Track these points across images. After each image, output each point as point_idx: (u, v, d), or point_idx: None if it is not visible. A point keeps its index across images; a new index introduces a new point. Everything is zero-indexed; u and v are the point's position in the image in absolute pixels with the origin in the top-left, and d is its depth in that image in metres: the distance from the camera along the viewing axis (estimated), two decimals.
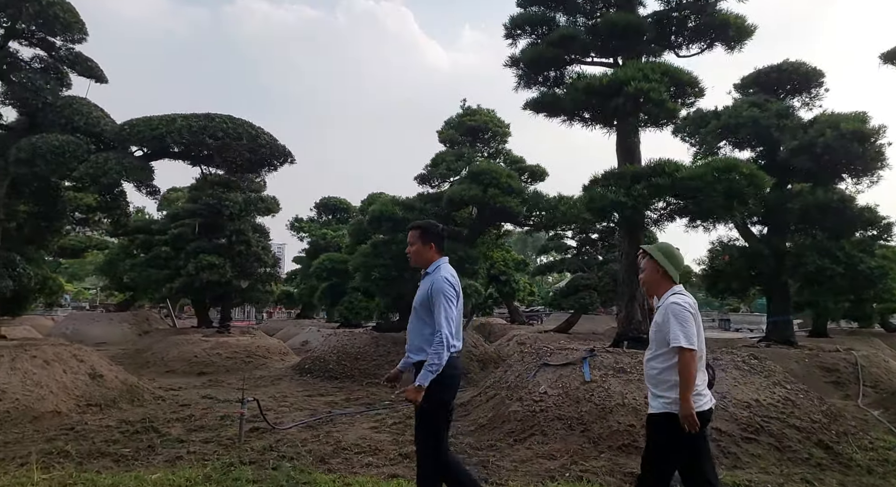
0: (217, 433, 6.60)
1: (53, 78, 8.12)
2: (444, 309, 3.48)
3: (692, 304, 3.31)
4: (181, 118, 7.71)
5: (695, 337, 3.18)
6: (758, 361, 6.82)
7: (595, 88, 6.61)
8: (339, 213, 31.83)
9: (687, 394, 3.11)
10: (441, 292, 3.50)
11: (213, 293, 14.76)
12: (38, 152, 6.93)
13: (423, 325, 3.59)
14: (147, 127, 7.64)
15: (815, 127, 11.41)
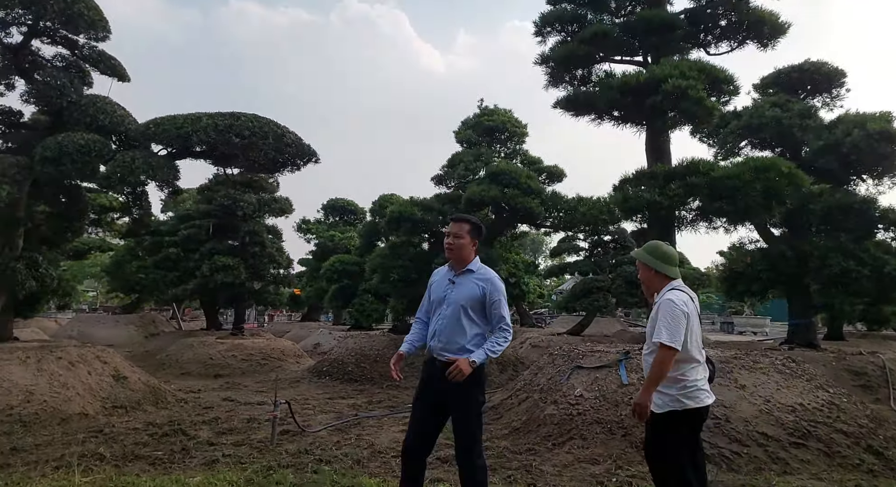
0: (247, 435, 6.54)
1: (77, 76, 8.09)
2: (504, 305, 3.49)
3: (688, 301, 3.35)
4: (206, 117, 7.65)
5: (680, 335, 3.21)
6: (796, 364, 6.74)
7: (632, 86, 6.55)
8: (347, 215, 31.81)
9: (649, 386, 3.24)
10: (501, 291, 3.50)
11: (226, 294, 14.70)
12: (64, 151, 6.89)
13: (470, 325, 3.48)
14: (172, 125, 7.59)
15: (841, 127, 11.33)
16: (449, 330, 3.50)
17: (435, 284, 3.72)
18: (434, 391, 3.54)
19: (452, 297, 3.54)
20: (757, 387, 5.97)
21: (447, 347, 3.48)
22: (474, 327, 3.50)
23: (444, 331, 3.52)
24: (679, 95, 6.27)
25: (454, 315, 3.50)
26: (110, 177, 7.10)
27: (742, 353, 7.18)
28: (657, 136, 7.70)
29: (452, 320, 3.50)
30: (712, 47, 8.00)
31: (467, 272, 3.57)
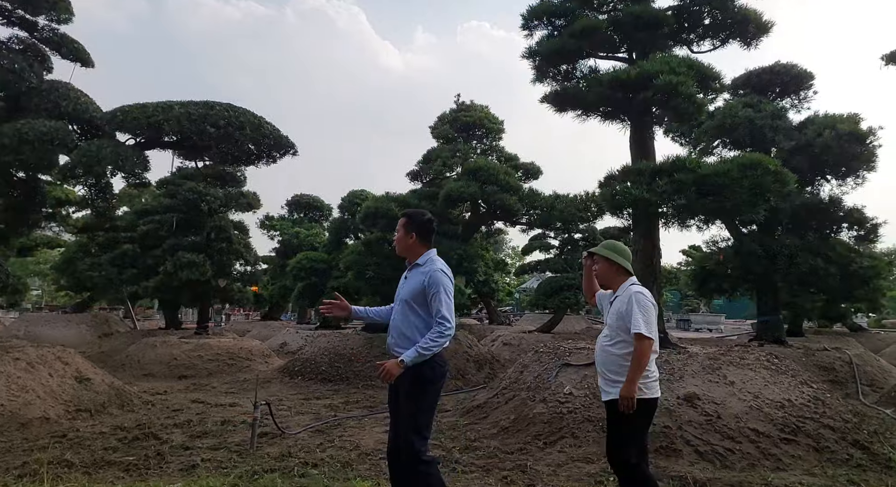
0: (223, 439, 6.29)
1: (36, 60, 7.64)
2: (444, 300, 3.39)
3: (651, 296, 3.57)
4: (178, 105, 7.28)
5: (654, 326, 3.40)
6: (779, 361, 6.85)
7: (622, 81, 6.53)
8: (313, 212, 31.30)
9: (635, 377, 3.32)
10: (440, 283, 3.41)
11: (190, 292, 14.23)
12: (24, 138, 6.46)
13: (415, 317, 3.45)
14: (142, 113, 7.20)
15: (812, 128, 11.64)
16: (399, 326, 3.51)
17: (400, 281, 3.73)
18: (392, 387, 3.55)
19: (401, 293, 3.57)
20: (745, 383, 6.03)
21: (398, 342, 3.48)
22: (419, 320, 3.45)
23: (395, 327, 3.53)
24: (670, 91, 6.30)
25: (402, 310, 3.51)
26: (75, 167, 6.71)
27: (726, 350, 7.26)
28: (642, 133, 7.72)
29: (401, 315, 3.51)
30: (695, 45, 8.07)
31: (415, 266, 3.58)
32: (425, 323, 3.45)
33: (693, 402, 5.72)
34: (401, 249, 3.65)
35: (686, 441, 5.36)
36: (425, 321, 3.46)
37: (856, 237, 13.88)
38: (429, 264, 3.55)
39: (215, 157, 8.57)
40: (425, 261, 3.57)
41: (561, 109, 8.15)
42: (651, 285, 7.73)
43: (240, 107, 7.56)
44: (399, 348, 3.46)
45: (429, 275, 3.46)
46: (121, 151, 6.93)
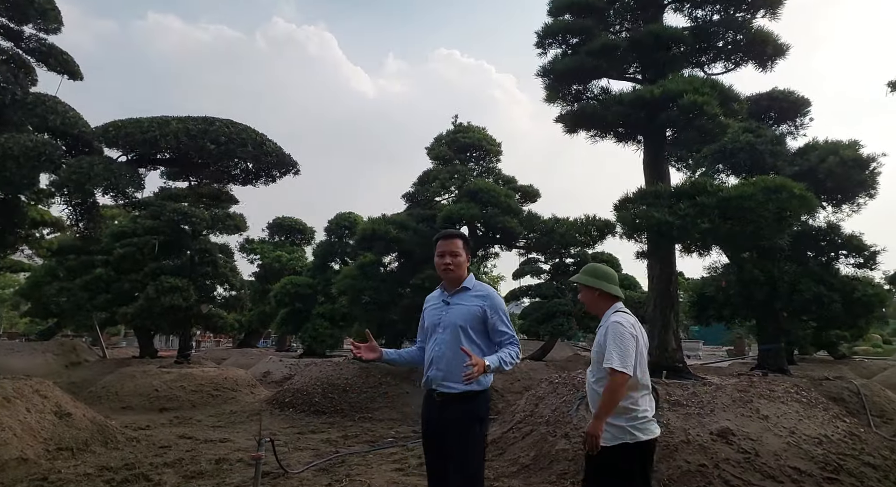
0: (221, 479, 5.88)
1: (21, 72, 7.29)
2: (507, 321, 3.28)
3: (635, 323, 3.27)
4: (176, 120, 6.95)
5: (631, 359, 3.10)
6: (807, 392, 6.67)
7: (646, 100, 6.42)
8: (295, 235, 30.86)
9: (602, 415, 3.10)
10: (500, 305, 3.28)
11: (171, 318, 13.69)
12: (8, 154, 6.07)
13: (470, 345, 3.14)
14: (137, 128, 6.85)
15: (814, 153, 11.71)
16: (449, 356, 3.18)
17: (428, 309, 3.47)
18: (435, 431, 3.22)
19: (448, 319, 3.25)
20: (780, 418, 5.82)
21: (448, 376, 3.15)
22: (475, 350, 3.15)
23: (442, 358, 3.20)
24: (695, 111, 6.20)
25: (453, 338, 3.20)
26: (63, 184, 6.32)
27: (751, 380, 7.06)
28: (657, 155, 7.61)
29: (451, 344, 3.19)
30: (708, 67, 8.04)
31: (462, 290, 3.33)
32: (481, 351, 3.17)
33: (727, 438, 5.48)
34: (458, 275, 3.34)
35: (725, 481, 5.10)
36: (481, 350, 3.19)
37: (854, 264, 13.94)
38: (481, 287, 3.36)
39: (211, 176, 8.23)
40: (474, 285, 3.36)
41: (572, 130, 8.02)
42: (669, 311, 7.55)
43: (240, 124, 7.27)
44: (452, 384, 3.13)
45: (490, 298, 3.28)
46: (114, 168, 6.58)
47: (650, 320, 7.66)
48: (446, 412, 3.13)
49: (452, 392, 3.12)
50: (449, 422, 3.10)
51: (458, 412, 3.09)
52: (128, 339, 38.93)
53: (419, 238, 11.18)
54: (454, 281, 3.34)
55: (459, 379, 3.03)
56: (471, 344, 3.16)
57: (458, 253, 3.32)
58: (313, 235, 30.98)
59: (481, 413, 3.12)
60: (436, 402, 3.20)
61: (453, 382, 3.11)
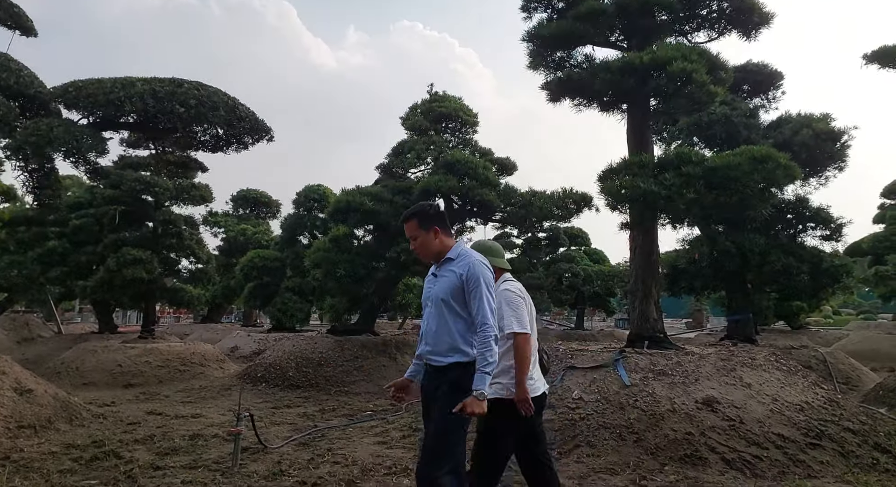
0: (197, 456, 5.69)
1: None
2: (485, 296, 3.03)
3: (521, 289, 3.56)
4: (141, 81, 6.51)
5: (526, 320, 3.38)
6: (785, 361, 6.79)
7: (635, 67, 6.30)
8: (260, 208, 30.25)
9: (522, 378, 3.26)
10: (480, 276, 3.05)
11: (133, 292, 13.26)
12: None
13: (454, 319, 3.10)
14: (99, 89, 6.40)
15: (787, 126, 11.83)
16: (434, 330, 3.17)
17: (426, 284, 3.41)
18: (427, 402, 3.23)
19: (433, 293, 3.22)
20: (762, 385, 5.90)
21: (435, 349, 3.15)
22: (460, 321, 3.11)
23: (429, 333, 3.20)
24: (685, 79, 6.12)
25: (438, 312, 3.17)
26: (20, 148, 5.88)
27: (730, 349, 7.15)
28: (642, 125, 7.54)
29: (437, 318, 3.17)
30: (692, 36, 7.96)
31: (447, 262, 3.22)
32: (467, 325, 3.10)
33: (713, 406, 5.53)
34: (431, 253, 3.25)
35: (711, 448, 5.15)
36: (467, 322, 3.10)
37: (820, 236, 14.28)
38: (464, 256, 3.18)
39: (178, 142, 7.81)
40: (458, 254, 3.20)
41: (556, 98, 7.89)
42: (651, 282, 7.57)
43: (210, 86, 6.85)
44: (438, 357, 3.12)
45: (467, 268, 3.09)
46: (75, 131, 6.15)
47: (632, 291, 7.68)
48: (435, 382, 3.14)
49: (440, 364, 3.12)
50: (436, 392, 3.11)
51: (443, 382, 3.08)
52: (83, 315, 37.88)
53: (394, 210, 10.97)
54: (436, 257, 3.27)
55: (444, 352, 3.09)
56: (455, 318, 3.10)
57: (415, 235, 3.23)
58: (279, 209, 30.45)
59: (464, 383, 3.00)
60: (430, 374, 3.21)
61: (439, 355, 3.12)
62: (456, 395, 2.99)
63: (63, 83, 6.72)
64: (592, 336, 21.59)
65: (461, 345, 3.07)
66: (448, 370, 3.09)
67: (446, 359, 3.09)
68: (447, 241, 3.25)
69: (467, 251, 3.25)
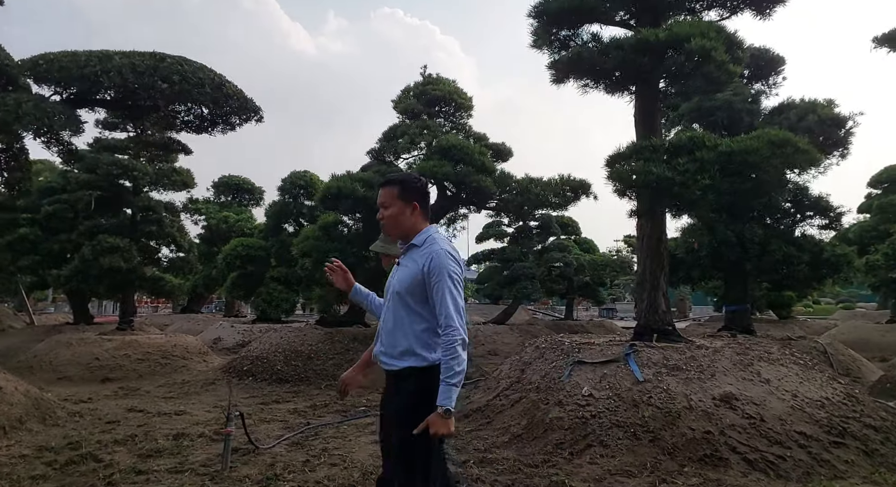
0: (183, 458, 5.37)
1: None
2: (450, 293, 2.59)
3: None
4: (119, 55, 6.04)
5: None
6: (800, 354, 6.60)
7: (649, 45, 6.01)
8: (242, 195, 29.68)
9: None
10: (444, 269, 2.61)
11: (110, 282, 12.79)
12: None
13: (411, 318, 2.69)
14: (73, 63, 5.93)
15: (794, 111, 11.65)
16: (390, 328, 2.74)
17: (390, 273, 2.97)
18: (383, 407, 2.91)
19: (393, 283, 2.79)
20: (781, 381, 5.70)
21: (389, 351, 2.72)
22: (419, 320, 2.68)
23: (385, 330, 2.77)
24: (703, 57, 5.84)
25: (394, 307, 2.74)
26: None
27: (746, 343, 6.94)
28: (651, 107, 7.27)
29: (392, 315, 2.74)
30: (701, 14, 7.68)
31: (411, 248, 2.77)
32: (427, 324, 2.67)
33: (731, 403, 5.31)
34: (399, 228, 2.79)
35: (731, 448, 4.93)
36: (427, 321, 2.67)
37: (818, 226, 14.18)
38: (429, 244, 2.71)
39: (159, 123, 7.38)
40: (423, 241, 2.73)
41: (561, 79, 7.58)
42: (659, 272, 7.33)
43: (195, 62, 6.39)
44: (390, 359, 2.71)
45: (430, 258, 2.64)
46: (47, 107, 5.72)
47: (639, 282, 7.45)
48: (391, 388, 2.79)
49: (392, 368, 2.71)
50: (392, 400, 2.75)
51: (399, 392, 2.70)
52: (56, 305, 37.14)
53: None
54: (403, 238, 2.82)
55: (398, 354, 2.69)
56: (412, 316, 2.68)
57: (387, 203, 2.78)
58: (262, 196, 29.93)
59: (423, 395, 2.58)
60: (386, 377, 2.83)
61: (391, 358, 2.71)
62: (416, 411, 2.55)
63: (32, 56, 6.27)
64: (582, 327, 21.43)
65: (417, 348, 2.65)
66: (402, 376, 2.68)
67: (399, 363, 2.68)
68: (420, 224, 2.80)
69: (434, 238, 2.76)
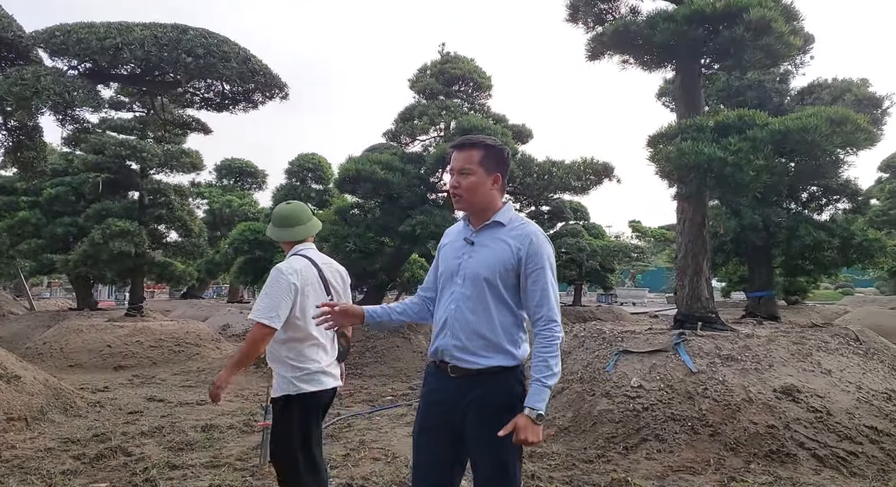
0: (217, 451, 5.17)
1: None
2: (551, 283, 2.29)
3: (305, 268, 3.10)
4: (140, 27, 5.72)
5: (280, 310, 2.92)
6: (858, 343, 6.38)
7: (705, 16, 5.72)
8: (245, 178, 29.41)
9: (235, 368, 2.99)
10: (545, 255, 2.29)
11: (119, 267, 12.57)
12: None
13: (499, 308, 2.31)
14: (92, 34, 5.59)
15: (827, 91, 11.37)
16: (467, 319, 2.31)
17: (446, 248, 2.52)
18: (445, 417, 2.36)
19: (470, 266, 2.35)
20: (843, 372, 5.48)
21: (466, 345, 2.30)
22: (506, 311, 2.32)
23: (459, 322, 2.32)
24: (763, 29, 5.56)
25: (473, 294, 2.32)
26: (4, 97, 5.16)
27: (802, 331, 6.71)
28: (694, 83, 6.99)
29: (471, 303, 2.32)
30: None
31: (493, 226, 2.37)
32: (513, 317, 2.33)
33: (793, 396, 5.09)
34: (476, 202, 2.36)
35: (799, 443, 4.72)
36: (513, 313, 2.33)
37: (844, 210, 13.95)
38: (521, 224, 2.36)
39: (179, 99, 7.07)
40: (510, 219, 2.37)
41: (597, 55, 7.29)
42: (702, 258, 7.09)
43: (219, 34, 6.01)
44: (469, 356, 2.30)
45: (528, 241, 2.28)
46: (67, 81, 5.42)
47: (680, 267, 7.21)
48: (467, 393, 2.30)
49: (473, 367, 2.29)
50: (471, 407, 2.29)
51: (484, 393, 2.28)
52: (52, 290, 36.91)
53: (407, 180, 10.37)
54: (476, 212, 2.40)
55: (480, 350, 2.29)
56: (499, 305, 2.31)
57: (469, 169, 2.33)
58: (265, 179, 29.66)
59: (515, 395, 2.28)
60: (450, 378, 2.35)
61: (470, 355, 2.30)
62: (502, 415, 2.23)
63: (47, 27, 5.94)
64: (592, 313, 21.22)
65: (505, 344, 2.30)
66: (485, 376, 2.29)
67: (483, 361, 2.28)
68: (498, 200, 2.41)
69: (523, 218, 2.43)
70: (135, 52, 5.49)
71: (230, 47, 5.98)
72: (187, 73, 5.89)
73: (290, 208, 3.27)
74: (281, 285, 2.94)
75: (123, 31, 5.59)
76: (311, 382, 3.03)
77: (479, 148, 2.36)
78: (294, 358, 3.03)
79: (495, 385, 2.30)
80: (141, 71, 5.94)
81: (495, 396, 2.29)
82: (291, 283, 2.96)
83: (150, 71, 5.98)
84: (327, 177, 17.42)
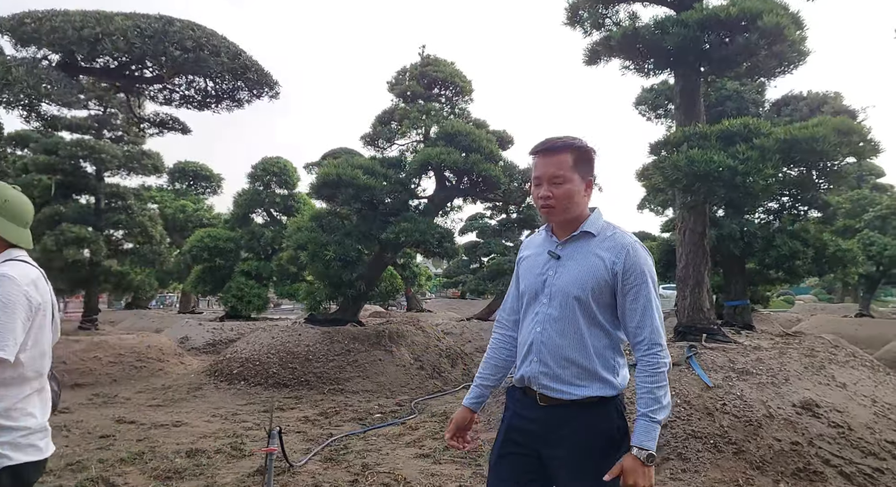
0: (209, 479, 4.83)
1: None
2: (654, 302, 2.08)
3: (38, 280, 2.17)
4: (121, 17, 5.33)
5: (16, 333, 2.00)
6: (862, 355, 6.45)
7: (718, 21, 5.71)
8: (199, 182, 28.57)
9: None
10: (646, 269, 2.08)
11: (73, 276, 11.89)
12: None
13: (592, 331, 2.10)
14: (68, 23, 5.17)
15: (804, 103, 11.66)
16: (555, 341, 2.11)
17: (526, 262, 2.29)
18: (531, 446, 2.16)
19: (557, 283, 2.13)
20: (857, 385, 5.51)
21: (557, 374, 2.09)
22: (600, 334, 2.11)
23: (546, 345, 2.12)
24: (776, 35, 5.59)
25: (564, 314, 2.10)
26: None
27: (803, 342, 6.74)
28: (694, 90, 7.01)
29: (561, 324, 2.11)
30: None
31: (582, 237, 2.15)
32: (609, 339, 2.13)
33: (813, 410, 5.08)
34: (570, 211, 2.12)
35: (825, 460, 4.69)
36: (609, 336, 2.13)
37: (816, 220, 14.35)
38: (614, 235, 2.13)
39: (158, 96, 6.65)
40: (601, 229, 2.14)
41: (595, 60, 7.25)
42: (703, 268, 7.09)
43: (206, 27, 5.66)
44: (561, 385, 2.08)
45: (624, 253, 2.07)
46: (41, 73, 4.97)
47: (681, 278, 7.19)
48: (559, 426, 2.10)
49: (565, 397, 2.08)
50: (565, 444, 2.08)
51: (579, 428, 2.07)
52: None
53: (389, 186, 10.15)
54: (564, 223, 2.17)
55: (573, 378, 2.07)
56: (593, 328, 2.10)
57: (562, 176, 2.08)
58: (220, 184, 28.89)
59: (615, 431, 2.10)
60: (538, 407, 2.14)
61: (562, 384, 2.08)
62: (606, 454, 2.04)
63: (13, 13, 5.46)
64: None
65: (601, 370, 2.09)
66: (580, 407, 2.09)
67: (576, 391, 2.07)
68: (585, 206, 2.18)
69: (616, 227, 2.18)
70: (116, 43, 5.08)
71: (219, 41, 5.64)
72: (174, 68, 5.52)
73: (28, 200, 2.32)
74: (16, 298, 2.01)
75: (103, 20, 5.18)
76: (29, 449, 2.09)
77: (571, 151, 2.11)
78: (4, 412, 2.04)
79: (592, 418, 2.09)
80: (119, 64, 5.54)
81: (593, 432, 2.08)
82: (30, 297, 2.07)
83: (130, 64, 5.59)
84: (293, 181, 17.00)
